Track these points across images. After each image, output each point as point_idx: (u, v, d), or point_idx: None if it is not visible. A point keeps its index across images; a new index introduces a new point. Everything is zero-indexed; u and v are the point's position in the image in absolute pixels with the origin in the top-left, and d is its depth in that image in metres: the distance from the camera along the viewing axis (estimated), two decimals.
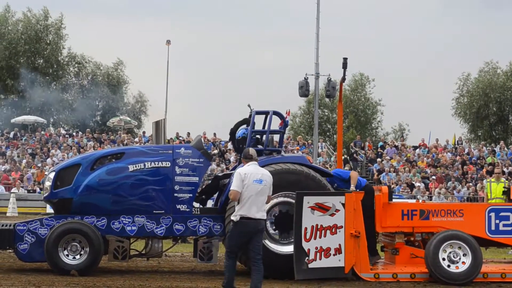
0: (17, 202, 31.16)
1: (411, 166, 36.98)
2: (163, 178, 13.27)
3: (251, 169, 10.55)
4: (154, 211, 13.21)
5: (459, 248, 12.74)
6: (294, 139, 43.67)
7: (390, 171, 36.22)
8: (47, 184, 13.50)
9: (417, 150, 40.32)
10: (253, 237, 10.36)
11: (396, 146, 41.13)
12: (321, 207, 12.61)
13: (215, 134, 41.26)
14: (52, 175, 13.49)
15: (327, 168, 29.42)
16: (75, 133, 43.65)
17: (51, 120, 55.81)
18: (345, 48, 70.55)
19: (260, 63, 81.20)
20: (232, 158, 34.53)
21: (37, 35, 55.00)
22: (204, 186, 14.53)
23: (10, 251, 13.65)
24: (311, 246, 12.50)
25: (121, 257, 13.09)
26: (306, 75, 34.46)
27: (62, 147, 38.39)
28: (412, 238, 13.42)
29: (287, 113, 15.81)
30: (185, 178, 13.29)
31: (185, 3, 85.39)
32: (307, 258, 12.49)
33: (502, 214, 13.38)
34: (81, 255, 12.87)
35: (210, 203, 14.58)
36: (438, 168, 36.68)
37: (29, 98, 52.97)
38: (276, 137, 14.79)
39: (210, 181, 14.61)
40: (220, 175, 14.90)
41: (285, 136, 16.90)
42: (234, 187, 10.40)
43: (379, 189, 13.73)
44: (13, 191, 32.58)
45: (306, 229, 12.51)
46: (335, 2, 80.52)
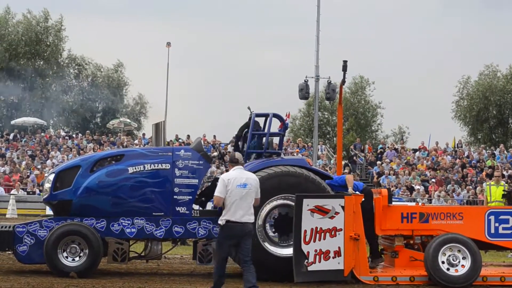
0: (17, 203, 31.13)
1: (411, 169, 36.97)
2: (163, 180, 13.28)
3: (235, 173, 10.64)
4: (154, 213, 13.21)
5: (459, 251, 12.74)
6: (294, 141, 43.67)
7: (389, 174, 36.22)
8: (47, 186, 13.50)
9: (417, 153, 40.33)
10: (241, 240, 10.41)
11: (396, 149, 41.12)
12: (320, 209, 12.61)
13: (215, 136, 41.28)
14: (51, 177, 13.49)
15: (326, 170, 29.40)
16: (74, 135, 43.63)
17: (51, 121, 55.83)
18: (345, 51, 70.64)
19: (260, 65, 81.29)
20: None
21: (37, 36, 55.01)
22: (203, 188, 14.51)
23: (10, 252, 13.64)
24: (310, 248, 12.50)
25: (121, 259, 13.09)
26: (306, 77, 34.44)
27: (62, 149, 38.37)
28: (412, 241, 13.42)
29: (287, 115, 15.75)
30: (185, 180, 13.29)
31: (185, 3, 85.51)
32: (306, 260, 12.49)
33: (501, 217, 13.38)
34: (80, 257, 12.87)
35: (209, 205, 14.58)
36: (438, 171, 36.68)
37: (29, 99, 53.01)
38: (276, 140, 14.80)
39: (210, 183, 14.59)
40: (219, 177, 14.87)
41: (285, 138, 16.89)
42: (217, 193, 10.52)
43: (379, 192, 13.73)
44: (12, 192, 32.57)
45: (305, 231, 12.51)
46: (335, 4, 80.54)
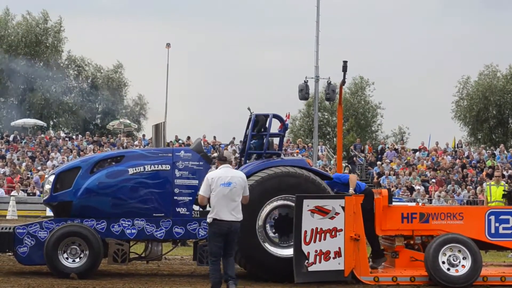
0: (17, 205, 31.11)
1: (412, 169, 36.95)
2: (163, 181, 13.29)
3: (220, 172, 10.74)
4: (154, 214, 13.22)
5: (459, 251, 12.74)
6: (294, 142, 43.66)
7: (390, 174, 36.21)
8: (47, 187, 13.50)
9: (417, 153, 40.32)
10: (227, 238, 10.62)
11: (396, 149, 41.12)
12: (321, 210, 12.62)
13: (215, 137, 41.29)
14: (52, 178, 13.50)
15: (326, 171, 29.39)
16: (74, 136, 43.63)
17: (51, 123, 55.83)
18: (345, 51, 70.61)
19: (260, 66, 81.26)
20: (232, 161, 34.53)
21: (36, 38, 55.01)
22: None
23: (10, 254, 13.65)
24: (310, 249, 12.50)
25: (121, 260, 13.09)
26: (306, 78, 34.40)
27: (62, 150, 38.37)
28: (412, 241, 13.41)
29: (287, 116, 15.76)
30: (185, 181, 13.31)
31: (185, 4, 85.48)
32: (306, 261, 12.49)
33: (502, 217, 13.38)
34: (80, 258, 12.87)
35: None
36: (438, 171, 36.67)
37: (29, 101, 53.00)
38: (276, 140, 14.80)
39: None
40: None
41: (285, 139, 16.89)
42: (200, 192, 10.76)
43: (379, 192, 13.73)
44: (13, 194, 32.55)
45: (306, 232, 12.52)
46: (335, 5, 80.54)
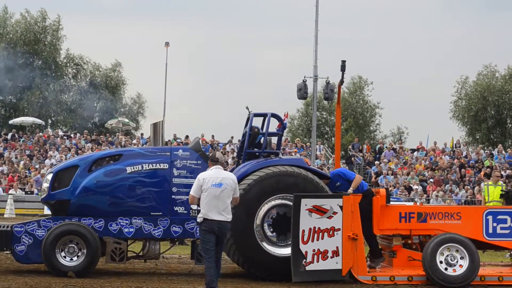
0: (15, 203, 31.11)
1: (410, 169, 36.94)
2: (161, 180, 13.29)
3: (211, 173, 10.82)
4: (152, 213, 13.21)
5: (457, 251, 12.75)
6: (292, 141, 43.66)
7: (388, 174, 36.22)
8: (45, 185, 13.49)
9: (415, 153, 40.32)
10: (217, 238, 10.65)
11: (394, 149, 41.12)
12: (318, 209, 12.62)
13: (213, 136, 41.30)
14: (49, 176, 13.49)
15: (324, 170, 29.38)
16: (73, 135, 43.61)
17: (49, 121, 55.78)
18: (343, 51, 70.65)
19: (259, 65, 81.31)
20: (230, 160, 34.53)
21: (35, 36, 54.96)
22: None
23: (8, 252, 13.63)
24: (308, 248, 12.51)
25: (119, 259, 13.08)
26: (304, 77, 34.41)
27: (60, 149, 38.35)
28: (410, 241, 13.41)
29: (285, 115, 15.77)
30: (183, 180, 13.30)
31: (184, 4, 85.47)
32: (304, 260, 12.50)
33: (499, 217, 13.38)
34: (78, 256, 12.86)
35: None
36: (436, 171, 36.68)
37: (27, 99, 52.96)
38: (274, 140, 14.81)
39: None
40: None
41: (283, 138, 16.89)
42: (191, 192, 10.80)
43: (377, 191, 13.73)
44: (10, 192, 32.54)
45: (303, 231, 12.52)
46: (334, 5, 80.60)
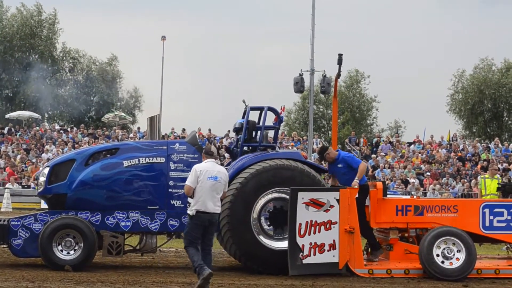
0: (12, 197, 31.08)
1: (408, 162, 36.96)
2: (158, 174, 13.28)
3: (207, 165, 11.00)
4: (149, 207, 13.20)
5: (453, 244, 12.76)
6: (289, 135, 43.64)
7: (384, 167, 36.25)
8: (42, 179, 13.47)
9: (412, 146, 40.34)
10: (206, 229, 10.88)
11: (391, 142, 41.14)
12: (315, 203, 12.64)
13: (210, 130, 41.23)
14: (46, 170, 13.47)
15: (321, 164, 29.37)
16: (69, 129, 43.56)
17: (46, 115, 55.71)
18: (340, 45, 70.59)
19: (255, 59, 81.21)
20: (226, 154, 34.51)
21: (31, 30, 54.85)
22: None
23: (4, 246, 13.61)
24: (305, 242, 12.53)
25: (116, 252, 13.09)
26: (301, 71, 34.37)
27: (56, 143, 38.31)
28: (406, 234, 13.43)
29: (281, 109, 15.80)
30: (180, 173, 13.29)
31: None
32: (301, 253, 12.51)
33: (496, 210, 13.41)
34: (75, 250, 12.86)
35: None
36: (433, 164, 36.70)
37: (23, 93, 52.87)
38: (271, 133, 14.81)
39: None
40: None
41: (279, 132, 16.89)
42: (188, 182, 10.93)
43: (374, 185, 13.75)
44: (7, 186, 32.50)
45: (300, 225, 12.53)
46: None
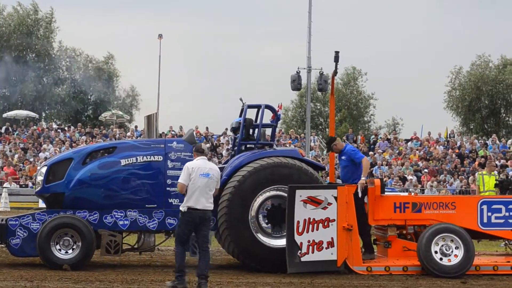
0: (9, 196, 31.08)
1: (405, 159, 36.97)
2: (155, 172, 13.28)
3: (199, 163, 11.10)
4: (147, 205, 13.21)
5: (452, 241, 12.77)
6: (286, 132, 43.67)
7: (382, 164, 36.26)
8: (39, 178, 13.47)
9: (409, 143, 40.35)
10: (199, 226, 10.93)
11: (388, 139, 41.16)
12: (313, 200, 12.64)
13: (207, 128, 41.28)
14: (44, 169, 13.47)
15: (319, 161, 29.43)
16: (67, 128, 43.52)
17: (43, 114, 55.66)
18: (337, 43, 70.58)
19: (252, 57, 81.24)
20: (224, 152, 34.51)
21: (28, 29, 54.78)
22: None
23: (2, 246, 13.61)
24: (303, 239, 12.53)
25: (114, 251, 13.09)
26: (298, 68, 34.40)
27: (54, 142, 38.29)
28: (405, 231, 13.43)
29: (279, 106, 15.77)
30: (177, 172, 13.21)
31: None
32: (299, 251, 12.51)
33: (494, 206, 13.41)
34: (73, 249, 12.86)
35: None
36: (430, 161, 36.72)
37: (20, 92, 52.82)
38: (268, 131, 14.79)
39: None
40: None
41: (277, 129, 16.89)
42: (180, 180, 11.03)
43: (372, 182, 13.74)
44: (5, 185, 32.48)
45: (298, 222, 12.53)
46: None
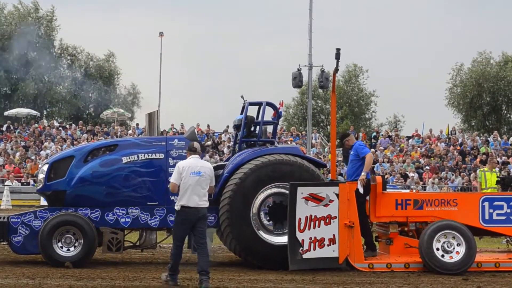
0: (11, 194, 31.10)
1: (407, 156, 36.95)
2: (157, 170, 13.29)
3: (191, 162, 11.17)
4: (148, 203, 13.22)
5: (453, 238, 12.76)
6: (287, 130, 43.65)
7: (384, 162, 36.25)
8: (41, 176, 13.48)
9: (411, 140, 40.34)
10: (195, 224, 10.98)
11: (389, 136, 41.15)
12: (315, 197, 12.64)
13: (208, 125, 41.27)
14: (45, 167, 13.48)
15: (320, 159, 29.42)
16: (68, 126, 43.53)
17: (45, 112, 55.66)
18: (338, 40, 70.57)
19: (254, 54, 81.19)
20: (226, 149, 34.51)
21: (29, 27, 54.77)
22: None
23: (4, 243, 13.62)
24: (305, 236, 12.53)
25: (115, 248, 13.09)
26: (299, 66, 34.40)
27: (55, 140, 38.31)
28: (406, 228, 13.43)
29: (280, 104, 15.79)
30: None
31: None
32: (301, 248, 12.51)
33: (496, 203, 13.40)
34: (75, 247, 12.86)
35: None
36: (432, 158, 36.71)
37: (21, 90, 52.80)
38: (270, 128, 14.80)
39: None
40: (213, 166, 14.87)
41: (278, 127, 16.87)
42: (172, 179, 11.15)
43: (373, 179, 13.73)
44: (7, 183, 32.51)
45: (300, 219, 12.53)
46: None
